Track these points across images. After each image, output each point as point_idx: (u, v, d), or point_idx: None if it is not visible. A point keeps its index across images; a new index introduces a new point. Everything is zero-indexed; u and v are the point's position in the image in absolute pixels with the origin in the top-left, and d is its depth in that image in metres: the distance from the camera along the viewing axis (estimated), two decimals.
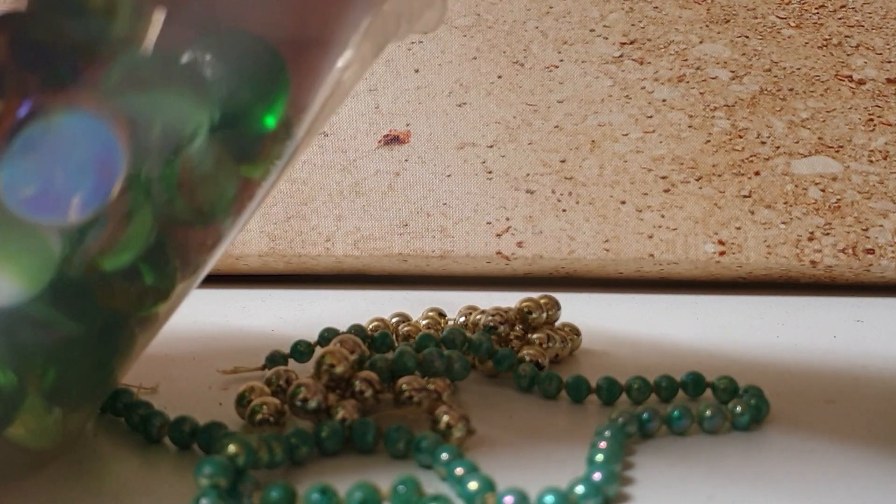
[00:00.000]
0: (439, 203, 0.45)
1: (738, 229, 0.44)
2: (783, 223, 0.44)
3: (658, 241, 0.43)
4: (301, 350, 0.29)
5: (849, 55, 0.47)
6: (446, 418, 0.23)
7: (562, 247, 0.44)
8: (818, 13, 0.48)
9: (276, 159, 0.21)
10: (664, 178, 0.45)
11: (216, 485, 0.19)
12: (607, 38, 0.48)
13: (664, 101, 0.46)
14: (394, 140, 0.46)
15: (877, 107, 0.46)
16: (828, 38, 0.48)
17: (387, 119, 0.46)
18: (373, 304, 0.40)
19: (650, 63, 0.47)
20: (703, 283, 0.45)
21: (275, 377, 0.25)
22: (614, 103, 0.46)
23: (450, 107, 0.47)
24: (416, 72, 0.47)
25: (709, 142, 0.45)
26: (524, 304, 0.31)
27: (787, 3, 0.48)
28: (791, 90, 0.47)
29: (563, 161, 0.45)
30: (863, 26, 0.48)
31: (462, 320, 0.31)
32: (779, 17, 0.48)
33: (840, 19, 0.48)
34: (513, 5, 0.48)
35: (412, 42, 0.48)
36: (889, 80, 0.47)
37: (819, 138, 0.45)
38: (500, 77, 0.47)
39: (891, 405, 0.27)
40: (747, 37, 0.48)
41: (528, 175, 0.45)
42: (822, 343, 0.34)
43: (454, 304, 0.33)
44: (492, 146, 0.46)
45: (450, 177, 0.45)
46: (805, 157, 0.45)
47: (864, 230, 0.43)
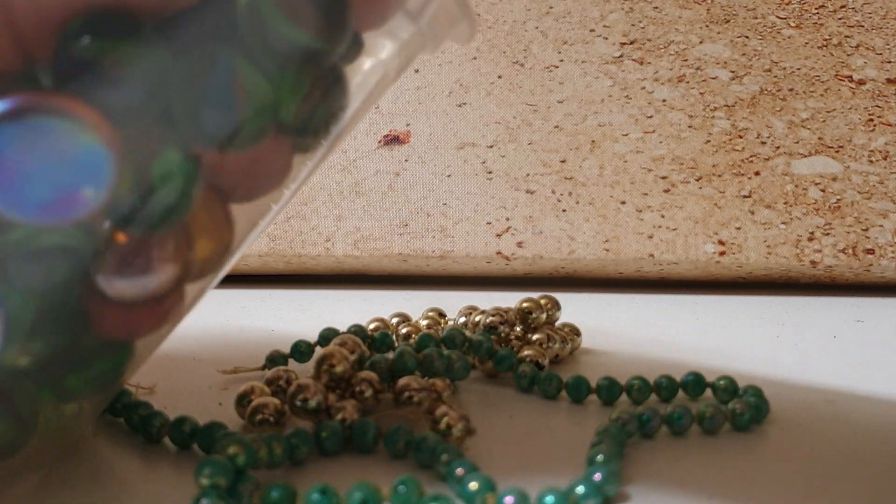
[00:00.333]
0: (439, 203, 0.45)
1: (738, 229, 0.44)
2: (783, 223, 0.44)
3: (658, 241, 0.43)
4: (301, 350, 0.29)
5: (849, 55, 0.47)
6: (446, 418, 0.23)
7: (562, 247, 0.44)
8: (818, 13, 0.48)
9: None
10: (664, 178, 0.45)
11: (216, 485, 0.19)
12: (607, 38, 0.48)
13: (664, 101, 0.46)
14: (394, 140, 0.46)
15: (877, 107, 0.46)
16: (828, 38, 0.48)
17: (387, 119, 0.46)
18: (373, 304, 0.40)
19: (650, 63, 0.47)
20: (703, 283, 0.45)
21: (275, 377, 0.25)
22: (614, 103, 0.46)
23: (450, 107, 0.47)
24: (416, 72, 0.47)
25: (709, 142, 0.45)
26: (524, 304, 0.31)
27: (787, 3, 0.48)
28: (791, 90, 0.47)
29: (563, 161, 0.45)
30: (863, 26, 0.48)
31: (462, 320, 0.31)
32: (779, 17, 0.48)
33: (840, 19, 0.48)
34: (513, 5, 0.48)
35: None
36: (889, 80, 0.47)
37: (819, 138, 0.45)
38: (500, 77, 0.47)
39: (891, 405, 0.27)
40: (747, 37, 0.48)
41: (528, 175, 0.45)
42: (822, 343, 0.34)
43: (454, 304, 0.33)
44: (492, 146, 0.46)
45: (450, 177, 0.45)
46: (805, 157, 0.45)
47: (864, 230, 0.43)
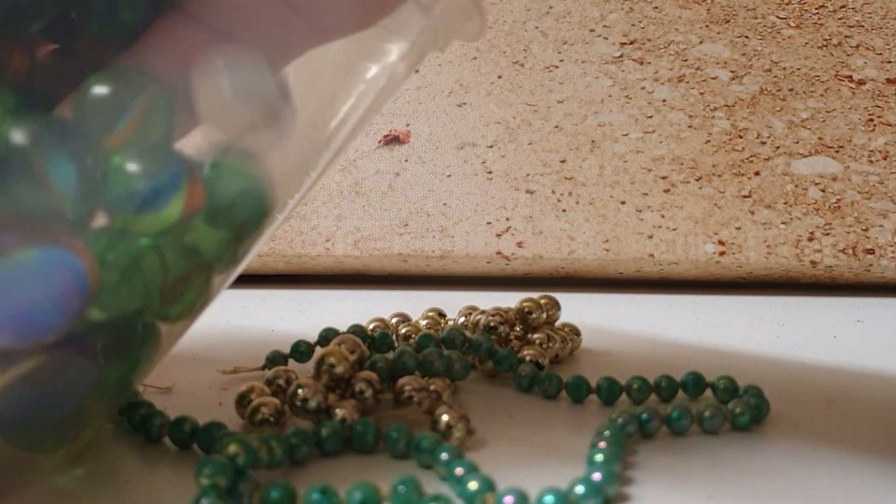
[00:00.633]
0: (439, 203, 0.45)
1: (738, 229, 0.43)
2: (783, 223, 0.44)
3: (658, 241, 0.43)
4: (301, 350, 0.29)
5: (849, 55, 0.47)
6: (446, 418, 0.23)
7: (562, 247, 0.44)
8: (818, 13, 0.48)
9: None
10: (664, 178, 0.45)
11: (216, 485, 0.19)
12: (607, 38, 0.48)
13: (664, 101, 0.46)
14: (394, 140, 0.46)
15: (877, 107, 0.46)
16: (828, 38, 0.48)
17: (387, 119, 0.46)
18: (373, 304, 0.40)
19: (650, 63, 0.47)
20: (703, 283, 0.45)
21: (275, 377, 0.25)
22: (614, 103, 0.46)
23: (450, 107, 0.47)
24: (416, 72, 0.47)
25: (709, 142, 0.45)
26: (524, 304, 0.31)
27: (787, 3, 0.48)
28: (791, 90, 0.47)
29: (563, 161, 0.45)
30: (863, 26, 0.48)
31: (462, 320, 0.31)
32: (779, 17, 0.48)
33: (840, 19, 0.48)
34: (513, 5, 0.48)
35: None
36: (889, 80, 0.47)
37: (819, 138, 0.45)
38: (500, 77, 0.47)
39: (891, 405, 0.27)
40: (747, 37, 0.48)
41: (528, 175, 0.45)
42: (822, 343, 0.34)
43: (454, 304, 0.33)
44: (492, 146, 0.46)
45: (450, 177, 0.45)
46: (805, 157, 0.45)
47: (864, 230, 0.43)
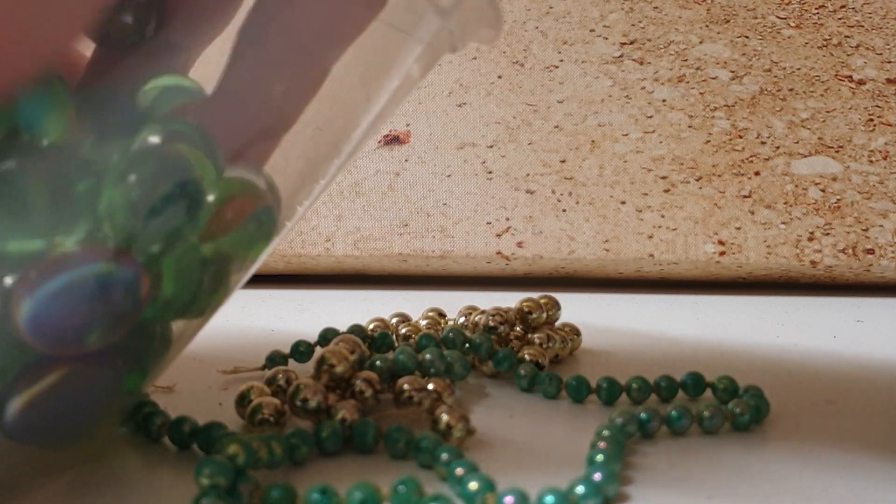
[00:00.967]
0: (439, 203, 0.45)
1: (738, 229, 0.43)
2: (783, 223, 0.44)
3: (658, 241, 0.43)
4: (301, 350, 0.29)
5: (849, 55, 0.47)
6: (446, 418, 0.23)
7: (562, 247, 0.44)
8: (818, 13, 0.48)
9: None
10: (664, 178, 0.45)
11: (216, 485, 0.19)
12: (607, 38, 0.48)
13: (664, 101, 0.46)
14: (394, 140, 0.46)
15: (877, 107, 0.46)
16: (828, 38, 0.48)
17: None
18: (373, 304, 0.40)
19: (650, 63, 0.47)
20: (703, 283, 0.45)
21: (275, 377, 0.25)
22: (614, 103, 0.46)
23: (450, 107, 0.47)
24: None
25: (709, 142, 0.45)
26: (524, 304, 0.31)
27: (787, 3, 0.48)
28: (791, 90, 0.47)
29: (563, 161, 0.45)
30: (863, 26, 0.48)
31: (462, 320, 0.31)
32: (779, 17, 0.48)
33: (840, 19, 0.48)
34: (513, 5, 0.48)
35: None
36: (889, 80, 0.47)
37: (819, 138, 0.45)
38: (500, 77, 0.47)
39: (891, 405, 0.27)
40: (747, 37, 0.48)
41: (528, 175, 0.45)
42: (822, 343, 0.34)
43: (454, 304, 0.33)
44: (492, 146, 0.46)
45: (450, 177, 0.45)
46: (805, 157, 0.45)
47: (864, 230, 0.43)
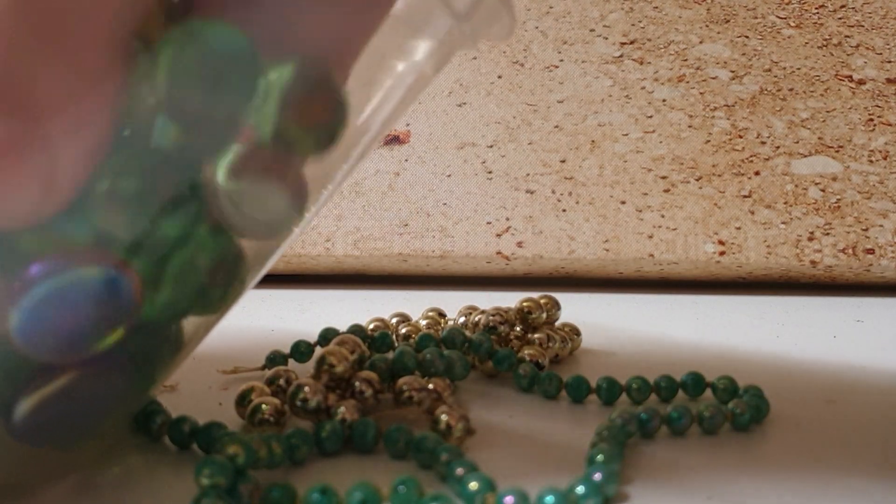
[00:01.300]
0: (439, 203, 0.45)
1: (738, 229, 0.43)
2: (783, 223, 0.44)
3: (658, 241, 0.43)
4: (301, 350, 0.29)
5: (849, 55, 0.47)
6: (446, 418, 0.23)
7: (562, 247, 0.44)
8: (818, 13, 0.48)
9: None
10: (664, 178, 0.45)
11: (216, 485, 0.19)
12: (607, 38, 0.48)
13: (664, 101, 0.46)
14: (394, 140, 0.46)
15: (877, 107, 0.46)
16: (828, 38, 0.48)
17: None
18: (373, 304, 0.40)
19: (650, 63, 0.47)
20: (703, 283, 0.45)
21: (275, 377, 0.25)
22: (614, 103, 0.46)
23: (450, 107, 0.47)
24: None
25: (709, 142, 0.45)
26: (524, 304, 0.31)
27: (787, 3, 0.48)
28: (791, 90, 0.47)
29: (563, 161, 0.45)
30: (863, 26, 0.48)
31: (462, 320, 0.31)
32: (779, 17, 0.48)
33: (840, 19, 0.48)
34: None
35: None
36: (889, 80, 0.47)
37: (819, 138, 0.45)
38: (500, 77, 0.47)
39: (891, 405, 0.27)
40: (747, 37, 0.48)
41: (528, 175, 0.45)
42: (822, 343, 0.34)
43: (454, 304, 0.33)
44: (492, 146, 0.46)
45: (450, 177, 0.45)
46: (805, 157, 0.45)
47: (864, 230, 0.43)
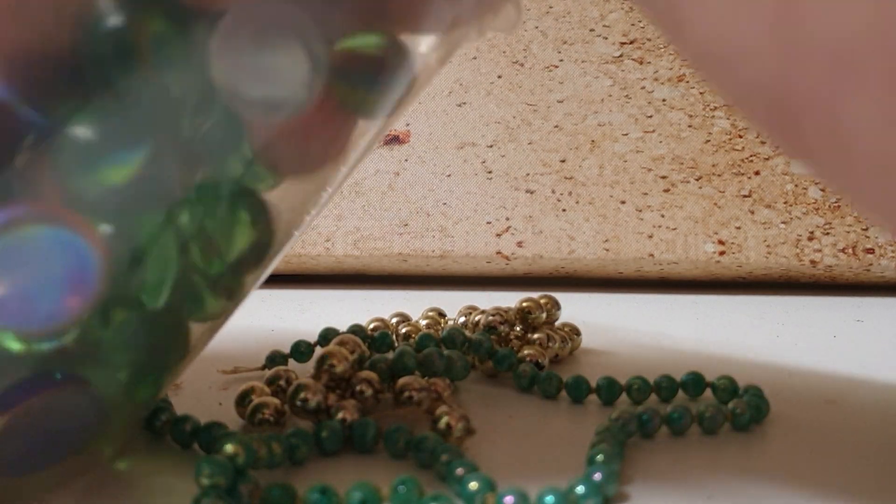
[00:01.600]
0: (439, 203, 0.45)
1: (738, 229, 0.44)
2: (783, 223, 0.44)
3: (658, 241, 0.43)
4: (301, 350, 0.29)
5: None
6: (446, 418, 0.23)
7: (562, 247, 0.44)
8: None
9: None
10: (664, 177, 0.45)
11: (216, 485, 0.19)
12: (607, 38, 0.48)
13: (664, 100, 0.46)
14: (393, 140, 0.46)
15: None
16: None
17: None
18: (373, 304, 0.40)
19: (650, 63, 0.47)
20: (703, 283, 0.45)
21: (275, 377, 0.25)
22: (614, 103, 0.46)
23: (450, 107, 0.47)
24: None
25: (709, 141, 0.45)
26: (524, 304, 0.31)
27: None
28: None
29: (563, 161, 0.45)
30: None
31: (462, 320, 0.31)
32: None
33: None
34: None
35: None
36: None
37: None
38: (499, 77, 0.47)
39: (891, 405, 0.27)
40: None
41: (528, 175, 0.45)
42: (822, 343, 0.34)
43: (454, 303, 0.33)
44: (492, 146, 0.46)
45: (450, 177, 0.45)
46: None
47: (863, 230, 0.43)
